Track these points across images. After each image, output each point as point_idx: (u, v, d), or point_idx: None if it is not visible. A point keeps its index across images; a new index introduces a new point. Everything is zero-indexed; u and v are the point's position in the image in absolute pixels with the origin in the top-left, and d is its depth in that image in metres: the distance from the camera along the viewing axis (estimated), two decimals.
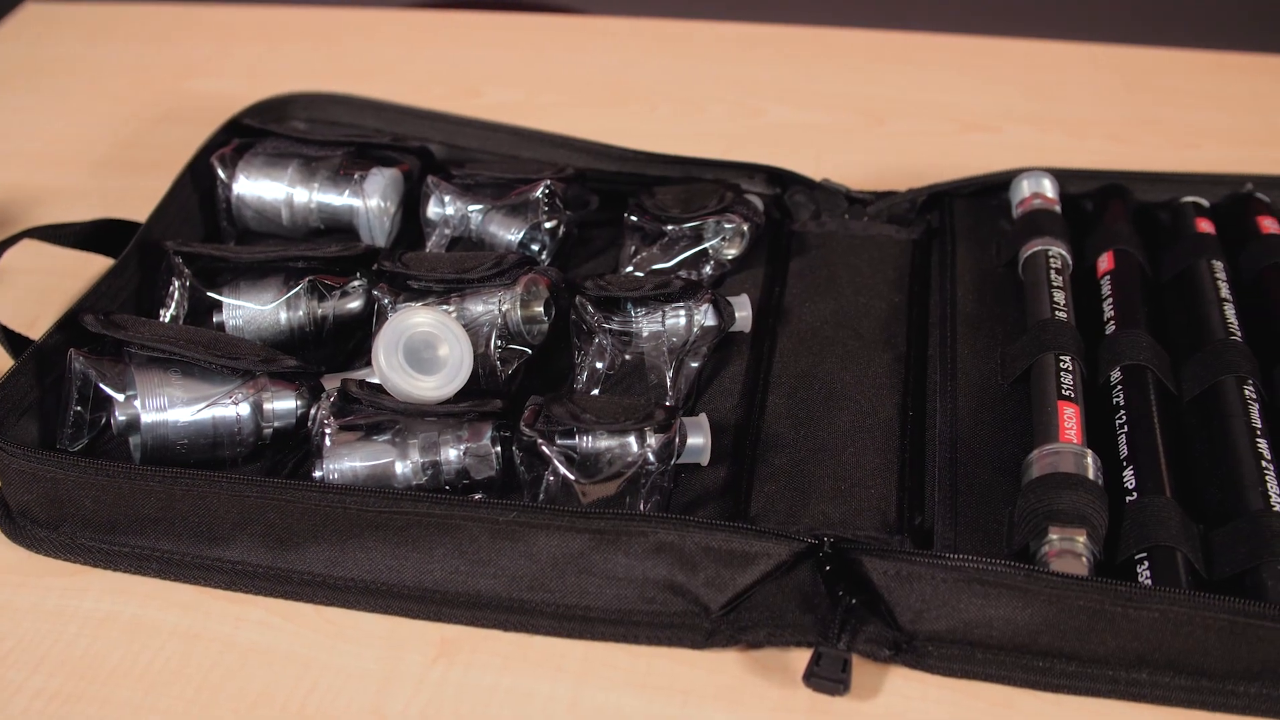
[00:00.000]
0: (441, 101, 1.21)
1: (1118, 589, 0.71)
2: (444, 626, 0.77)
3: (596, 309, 0.91)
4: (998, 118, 1.31)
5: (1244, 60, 1.41)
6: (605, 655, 0.75)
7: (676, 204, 1.00)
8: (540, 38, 1.45)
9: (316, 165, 1.04)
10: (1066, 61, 1.41)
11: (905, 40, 1.45)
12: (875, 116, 1.30)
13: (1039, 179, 1.05)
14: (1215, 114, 1.31)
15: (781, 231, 1.05)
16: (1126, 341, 0.89)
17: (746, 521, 0.80)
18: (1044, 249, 0.97)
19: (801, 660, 0.72)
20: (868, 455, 0.84)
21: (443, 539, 0.77)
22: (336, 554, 0.78)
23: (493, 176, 1.03)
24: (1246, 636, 0.70)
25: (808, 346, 0.93)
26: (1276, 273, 0.96)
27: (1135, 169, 1.10)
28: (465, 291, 0.91)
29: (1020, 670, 0.72)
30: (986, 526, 0.79)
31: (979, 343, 0.92)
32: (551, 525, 0.75)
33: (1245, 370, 0.87)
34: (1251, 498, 0.78)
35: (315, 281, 0.93)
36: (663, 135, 1.26)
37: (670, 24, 1.48)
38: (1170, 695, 0.71)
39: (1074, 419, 0.82)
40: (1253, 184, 1.07)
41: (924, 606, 0.72)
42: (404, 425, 0.82)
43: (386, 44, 1.44)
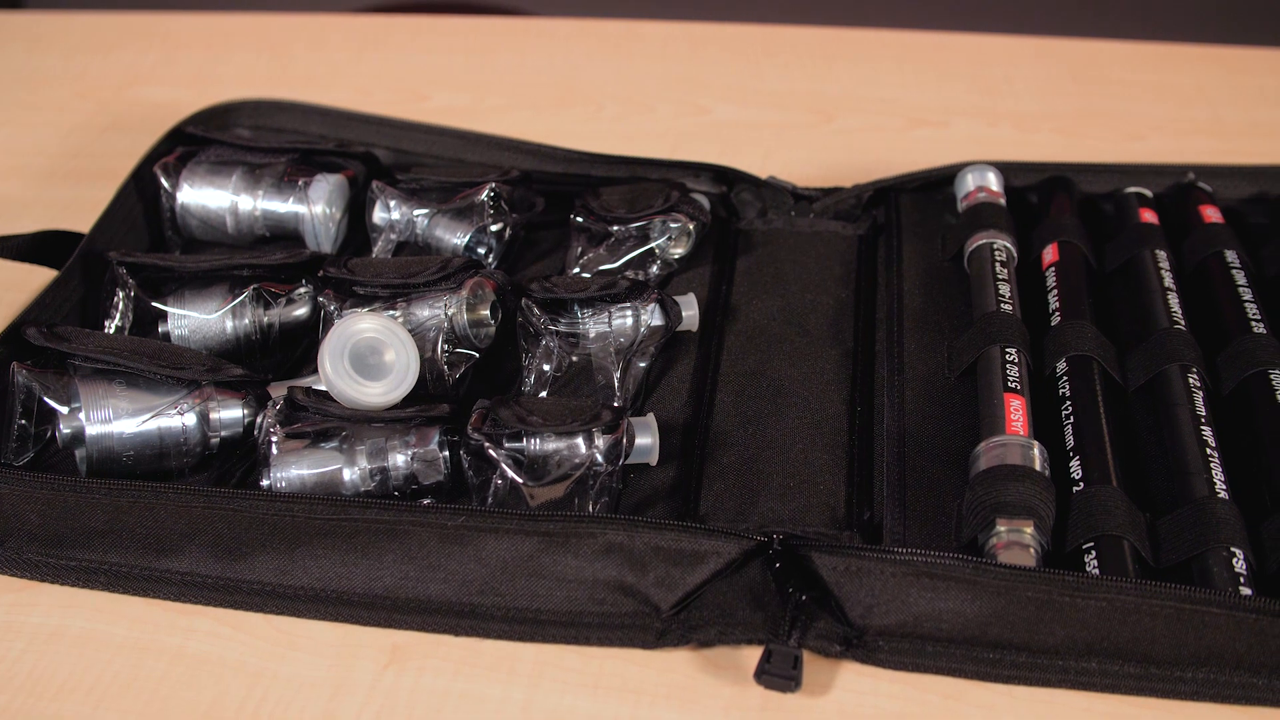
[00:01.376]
0: (388, 106, 1.20)
1: (1065, 579, 0.71)
2: (395, 633, 0.76)
3: (543, 311, 0.91)
4: (945, 112, 1.31)
5: (1188, 51, 1.41)
6: (557, 657, 0.75)
7: (622, 204, 1.00)
8: (486, 41, 1.45)
9: (261, 172, 1.04)
10: (1013, 55, 1.42)
11: (853, 37, 1.45)
12: (823, 113, 1.30)
13: (983, 172, 1.05)
14: (1160, 105, 1.32)
15: (728, 230, 1.05)
16: (1071, 332, 0.89)
17: (696, 520, 0.80)
18: (989, 242, 0.97)
19: (753, 658, 0.72)
20: (816, 451, 0.84)
21: (392, 545, 0.76)
22: (285, 562, 0.77)
23: (438, 180, 1.03)
24: (1193, 623, 0.70)
25: (755, 344, 0.93)
26: (1219, 261, 0.97)
27: (1081, 161, 1.10)
28: (411, 296, 0.90)
29: (970, 662, 0.72)
30: (935, 520, 0.80)
31: (926, 337, 0.93)
32: (500, 529, 0.75)
33: (1189, 359, 0.87)
34: (1197, 485, 0.79)
35: (260, 289, 0.93)
36: (610, 136, 1.26)
37: (617, 24, 1.47)
38: (1119, 683, 0.72)
39: (1020, 411, 0.82)
40: (1194, 173, 1.07)
41: (874, 601, 0.72)
42: (351, 432, 0.82)
43: (333, 50, 1.43)
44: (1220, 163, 1.10)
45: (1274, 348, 0.88)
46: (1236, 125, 1.28)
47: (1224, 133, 1.27)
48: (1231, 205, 1.07)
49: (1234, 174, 1.09)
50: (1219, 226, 1.00)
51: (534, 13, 1.62)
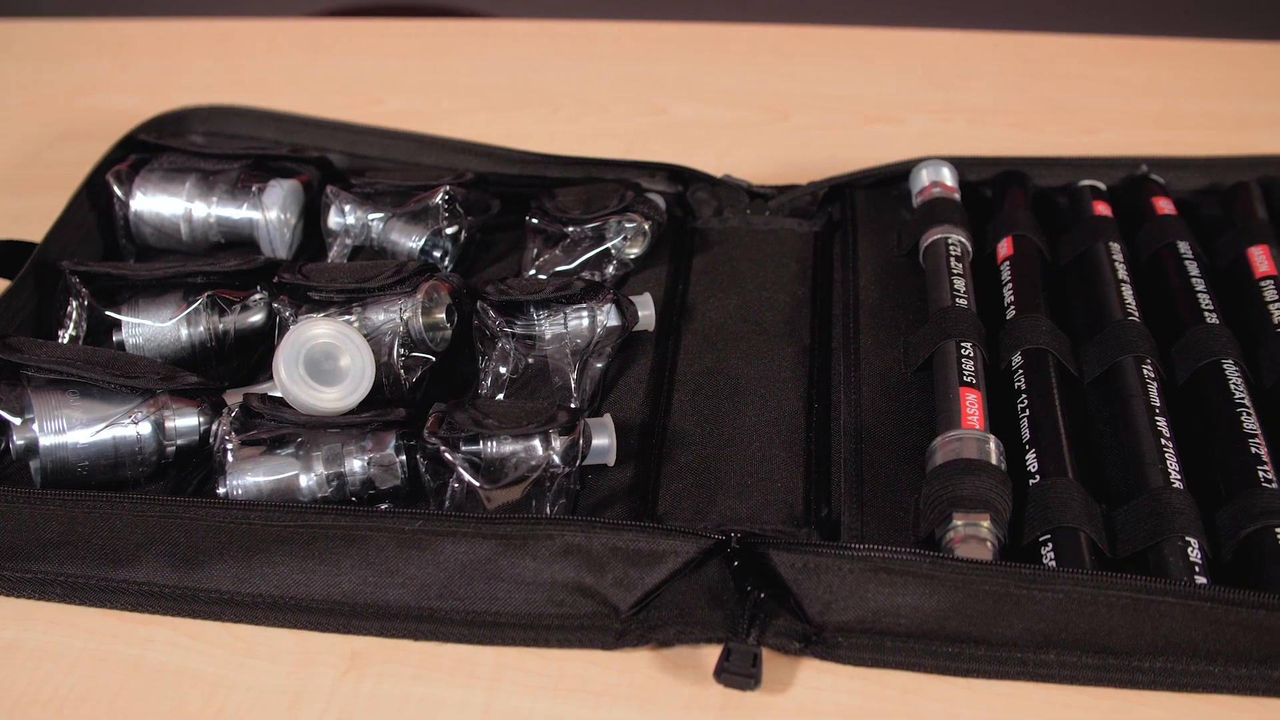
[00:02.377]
0: (343, 111, 1.20)
1: (1022, 572, 0.71)
2: (354, 638, 0.76)
3: (498, 313, 0.90)
4: (901, 108, 1.31)
5: (1141, 45, 1.42)
6: (517, 660, 0.75)
7: (577, 205, 1.00)
8: (442, 44, 1.45)
9: (214, 179, 1.03)
10: (968, 50, 1.42)
11: (808, 34, 1.45)
12: (778, 111, 1.30)
13: (938, 168, 1.05)
14: (1114, 99, 1.33)
15: (684, 229, 1.06)
16: (1026, 326, 0.90)
17: (654, 520, 0.80)
18: (944, 237, 0.97)
19: (713, 657, 0.72)
20: (773, 449, 0.85)
21: (349, 551, 0.76)
22: (243, 570, 0.77)
23: (392, 184, 1.03)
24: (1149, 613, 0.71)
25: (712, 343, 0.93)
26: (1172, 252, 0.97)
27: (1035, 155, 1.11)
28: (366, 301, 0.90)
29: (929, 656, 0.73)
30: (893, 515, 0.80)
31: (882, 333, 0.93)
32: (458, 532, 0.75)
33: (1144, 350, 0.88)
34: (1152, 475, 0.79)
35: (215, 296, 0.92)
36: (566, 136, 1.26)
37: (573, 25, 1.47)
38: (1078, 674, 0.72)
39: (976, 405, 0.83)
40: (1147, 166, 1.08)
41: (832, 598, 0.73)
42: (307, 438, 0.81)
43: (287, 55, 1.43)
44: (1173, 155, 1.11)
45: (1227, 338, 0.89)
46: (1189, 118, 1.29)
47: (1177, 125, 1.28)
48: (1184, 197, 1.08)
49: (1186, 166, 1.10)
50: (1172, 218, 1.01)
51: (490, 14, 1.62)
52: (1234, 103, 1.32)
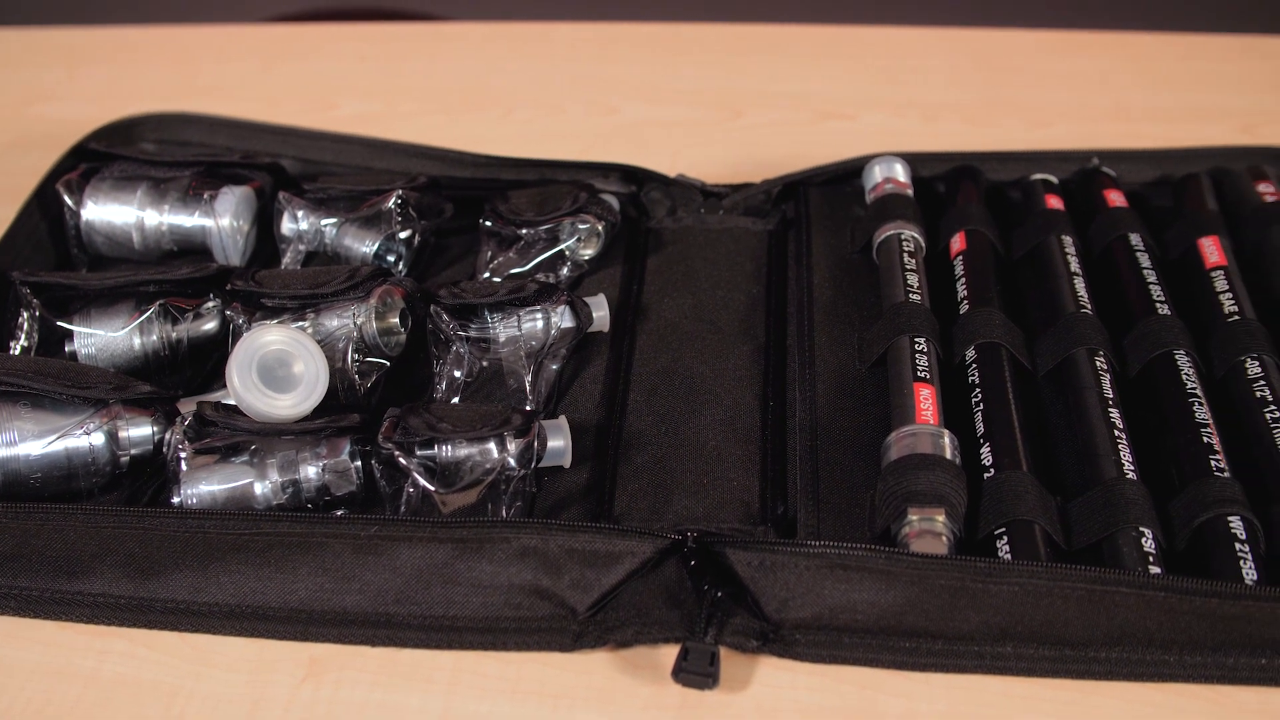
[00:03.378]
0: (297, 116, 1.20)
1: (977, 565, 0.72)
2: (311, 646, 0.76)
3: (452, 317, 0.90)
4: (854, 105, 1.32)
5: (1092, 38, 1.43)
6: (475, 664, 0.75)
7: (531, 207, 1.00)
8: (395, 47, 1.44)
9: (166, 187, 1.03)
10: (920, 46, 1.42)
11: (760, 33, 1.45)
12: (732, 109, 1.31)
13: (890, 164, 1.06)
14: (1065, 92, 1.33)
15: (638, 229, 1.05)
16: (979, 320, 0.90)
17: (611, 521, 0.80)
18: (897, 233, 0.98)
19: (671, 657, 0.72)
20: (729, 448, 0.85)
21: (306, 558, 0.76)
22: (199, 579, 0.77)
23: (345, 189, 1.02)
24: (1104, 604, 0.71)
25: (667, 343, 0.93)
26: (1123, 244, 0.98)
27: (987, 149, 1.11)
28: (320, 307, 0.90)
29: (887, 652, 0.73)
30: (849, 511, 0.80)
31: (836, 330, 0.93)
32: (414, 537, 0.75)
33: (1096, 342, 0.88)
34: (1106, 467, 0.80)
35: (167, 305, 0.92)
36: (521, 138, 1.26)
37: (526, 26, 1.47)
38: (1035, 666, 0.72)
39: (930, 400, 0.83)
40: (1098, 159, 1.09)
41: (789, 595, 0.73)
42: (261, 445, 0.81)
43: (239, 61, 1.42)
44: (1125, 148, 1.11)
45: (1178, 329, 0.89)
46: (1140, 110, 1.30)
47: (1128, 118, 1.28)
48: (1136, 189, 1.09)
49: (1138, 158, 1.10)
50: (1123, 210, 1.01)
51: (444, 17, 1.62)
52: (1184, 95, 1.32)
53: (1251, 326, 0.89)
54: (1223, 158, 1.10)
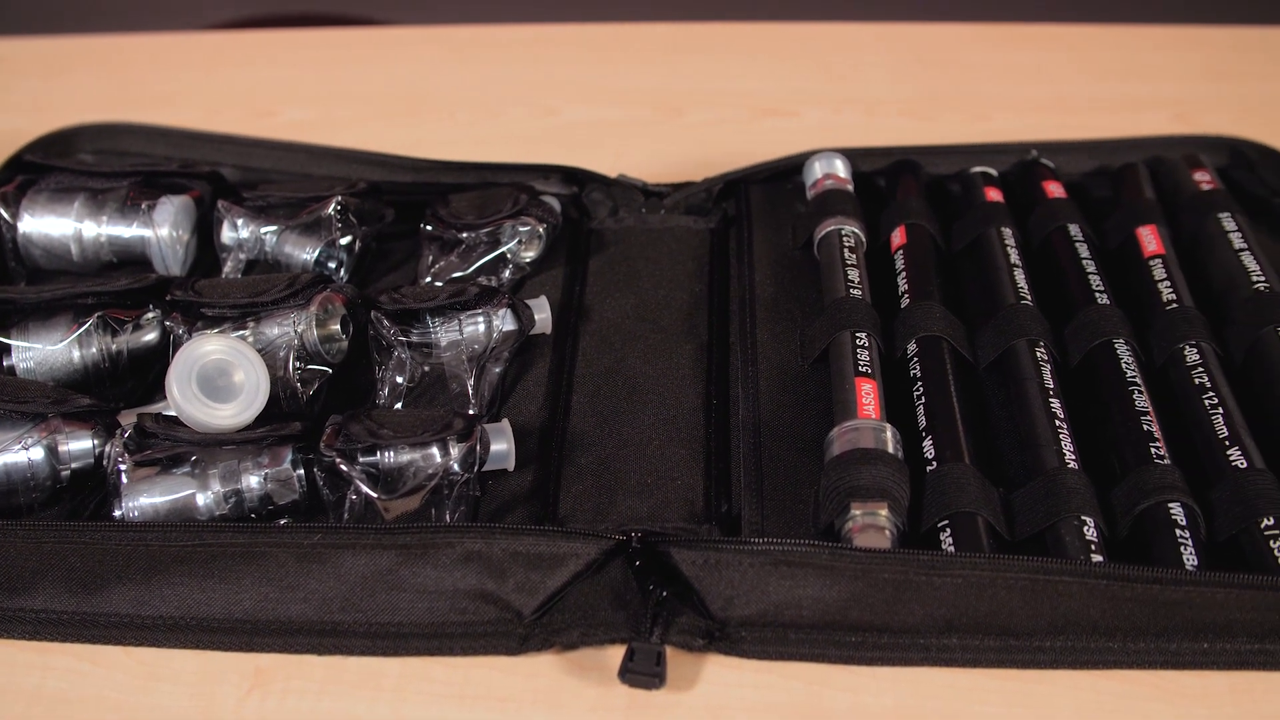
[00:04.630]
0: (235, 124, 1.19)
1: (920, 559, 0.72)
2: (257, 656, 0.75)
3: (393, 322, 0.90)
4: (794, 101, 1.32)
5: (1030, 31, 1.44)
6: (422, 670, 0.74)
7: (471, 211, 0.99)
8: (335, 53, 1.43)
9: (104, 198, 1.02)
10: (859, 41, 1.43)
11: (700, 31, 1.46)
12: (672, 108, 1.31)
13: (830, 160, 1.06)
14: (1004, 85, 1.34)
15: (580, 230, 1.05)
16: (920, 313, 0.91)
17: (556, 523, 0.80)
18: (837, 228, 0.98)
19: (618, 657, 0.72)
20: (673, 447, 0.85)
21: (249, 568, 0.75)
22: (143, 592, 0.76)
23: (284, 197, 1.02)
24: (1047, 593, 0.72)
25: (610, 343, 0.93)
26: (1062, 235, 0.99)
27: (927, 143, 1.12)
28: (260, 315, 0.89)
29: (833, 647, 0.73)
30: (793, 508, 0.80)
31: (778, 326, 0.93)
32: (357, 544, 0.75)
33: (1036, 333, 0.89)
34: (1047, 457, 0.80)
35: (106, 316, 0.91)
36: (462, 142, 1.25)
37: (466, 29, 1.47)
38: (980, 657, 0.73)
39: (872, 394, 0.83)
40: (1037, 150, 1.09)
41: (734, 593, 0.73)
42: (202, 456, 0.80)
43: (177, 69, 1.41)
44: (1063, 139, 1.12)
45: (1118, 318, 0.90)
46: (1078, 101, 1.31)
47: (1067, 109, 1.29)
48: (1074, 180, 1.10)
49: (1076, 149, 1.11)
50: (1062, 201, 1.02)
51: (382, 21, 1.61)
52: (1120, 85, 1.34)
53: (1189, 314, 0.90)
54: (1159, 147, 1.11)
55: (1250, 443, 0.80)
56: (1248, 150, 1.11)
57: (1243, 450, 0.80)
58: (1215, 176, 1.04)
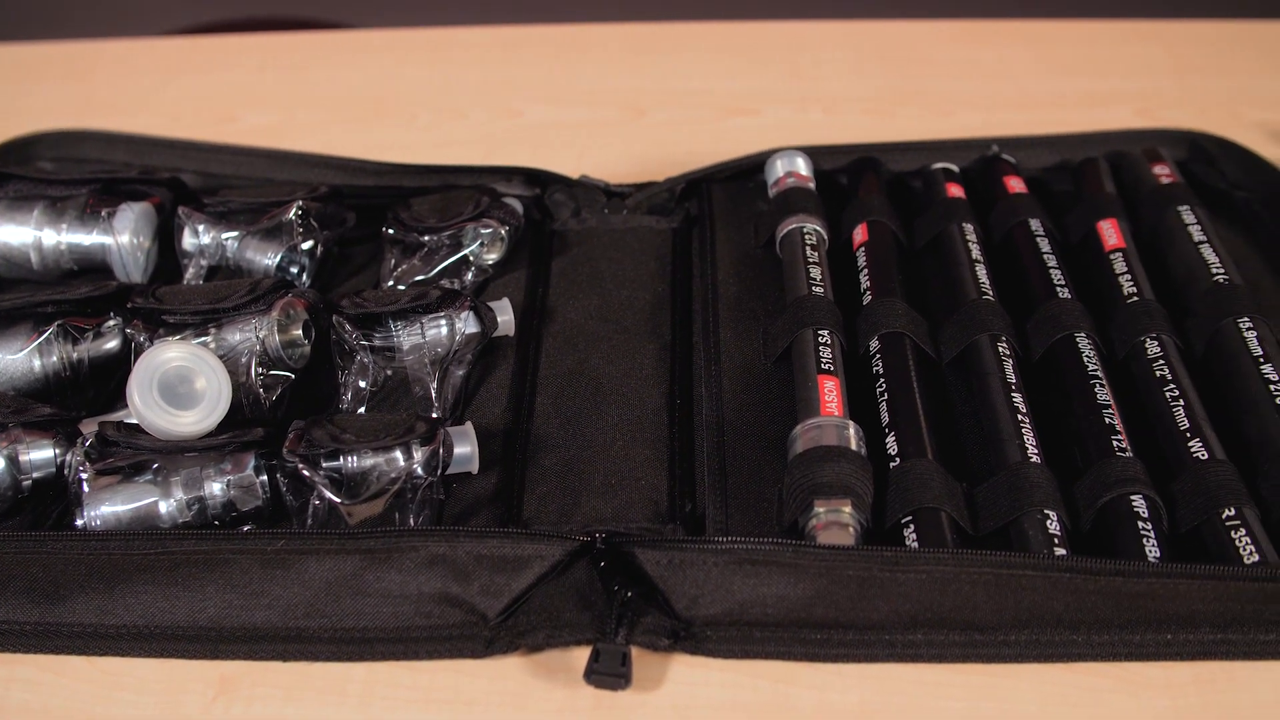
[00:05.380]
0: (197, 130, 1.19)
1: (883, 555, 0.72)
2: (222, 664, 0.75)
3: (355, 327, 0.90)
4: (757, 100, 1.32)
5: (991, 27, 1.44)
6: (388, 675, 0.74)
7: (433, 214, 0.99)
8: (295, 57, 1.43)
9: (63, 205, 1.01)
10: (820, 40, 1.43)
11: (662, 31, 1.46)
12: (635, 109, 1.31)
13: (792, 158, 1.06)
14: (966, 81, 1.35)
15: (542, 232, 1.05)
16: (882, 310, 0.91)
17: (520, 525, 0.80)
18: (799, 226, 0.98)
19: (584, 659, 0.72)
20: (637, 447, 0.85)
21: (213, 575, 0.75)
22: (106, 602, 0.75)
23: (245, 202, 1.01)
24: (1011, 587, 0.72)
25: (573, 344, 0.93)
26: (1024, 230, 0.99)
27: (889, 140, 1.12)
28: (222, 321, 0.89)
29: (798, 644, 0.73)
30: (757, 506, 0.80)
31: (741, 325, 0.93)
32: (321, 550, 0.74)
33: (998, 328, 0.89)
34: (1010, 451, 0.81)
35: (66, 325, 0.90)
36: (424, 145, 1.25)
37: (427, 32, 1.46)
38: (945, 652, 0.73)
39: (834, 392, 0.83)
40: (998, 146, 1.10)
41: (698, 592, 0.73)
42: (164, 463, 0.80)
43: (138, 75, 1.40)
44: (1025, 134, 1.13)
45: (1079, 311, 0.90)
46: (1040, 97, 1.31)
47: (1028, 104, 1.30)
48: (1035, 175, 1.10)
49: (1036, 144, 1.12)
50: (1023, 196, 1.03)
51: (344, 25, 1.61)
52: (1082, 81, 1.34)
53: (1150, 307, 0.91)
54: (1120, 141, 1.11)
55: (1211, 434, 0.81)
56: (1207, 144, 1.11)
57: (1203, 441, 0.80)
58: (1175, 170, 1.05)
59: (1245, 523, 0.75)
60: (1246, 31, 1.43)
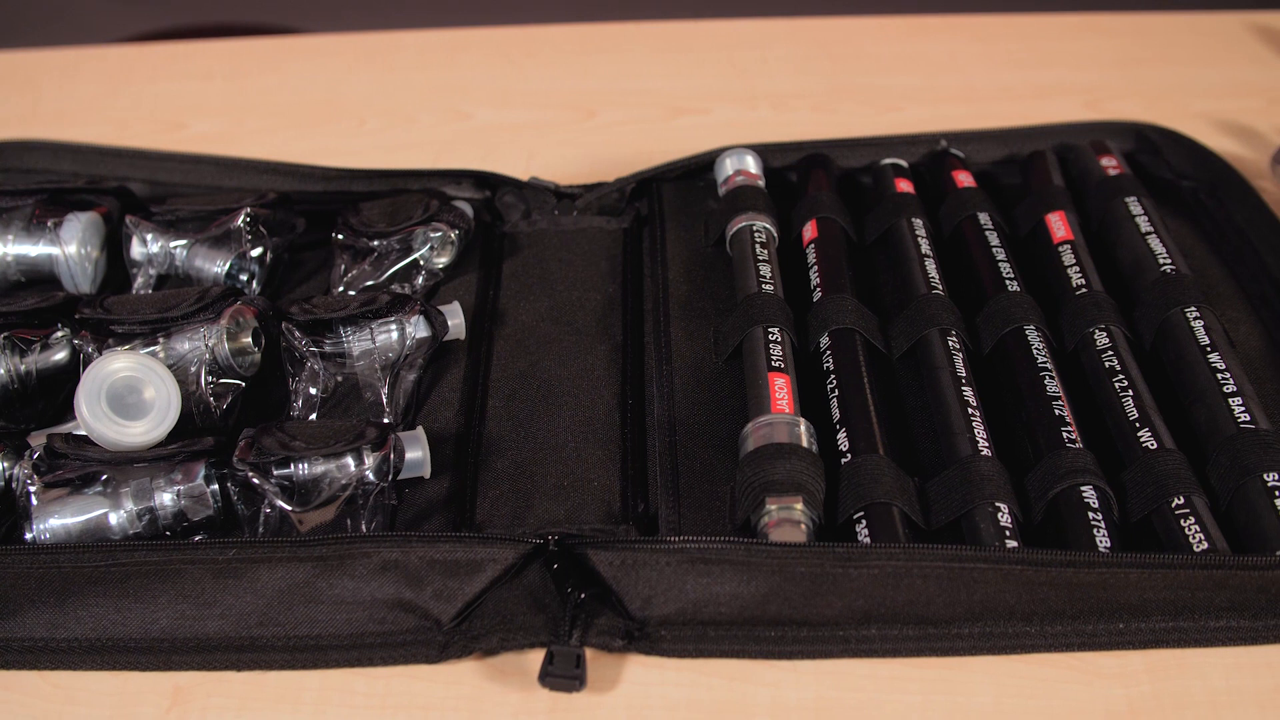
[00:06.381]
0: (146, 138, 1.18)
1: (835, 551, 0.72)
2: (176, 675, 0.75)
3: (305, 333, 0.89)
4: (706, 99, 1.32)
5: (938, 22, 1.45)
6: (342, 682, 0.74)
7: (382, 218, 0.99)
8: (244, 64, 1.42)
9: (9, 216, 1.00)
10: (770, 38, 1.43)
11: (611, 31, 1.46)
12: (585, 110, 1.30)
13: (741, 156, 1.06)
14: (914, 77, 1.35)
15: (493, 234, 1.05)
16: (832, 307, 0.91)
17: (473, 529, 0.80)
18: (748, 224, 0.98)
19: (539, 662, 0.72)
20: (589, 449, 0.85)
21: (165, 586, 0.74)
22: (56, 615, 0.75)
23: (193, 210, 1.01)
24: (963, 580, 0.72)
25: (524, 347, 0.93)
26: (973, 224, 0.99)
27: (839, 137, 1.12)
28: (170, 330, 0.89)
29: (753, 642, 0.73)
30: (710, 505, 0.81)
31: (692, 324, 0.94)
32: (273, 558, 0.74)
33: (948, 322, 0.89)
34: (961, 445, 0.81)
35: (12, 337, 0.89)
36: (374, 149, 1.24)
37: (375, 36, 1.46)
38: (900, 646, 0.73)
39: (785, 389, 0.83)
40: (947, 140, 1.10)
41: (652, 592, 0.73)
42: (114, 474, 0.79)
43: (85, 84, 1.39)
44: (973, 128, 1.13)
45: (1028, 304, 0.91)
46: (988, 91, 1.32)
47: (976, 99, 1.30)
48: (985, 168, 1.11)
49: (985, 138, 1.12)
50: (971, 190, 1.03)
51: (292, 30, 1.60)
52: (1030, 74, 1.35)
53: (1099, 298, 0.91)
54: (1067, 134, 1.12)
55: (1160, 424, 0.81)
56: (1153, 135, 1.12)
57: (1153, 431, 0.80)
58: (1122, 161, 1.06)
59: (1194, 511, 0.76)
60: (1192, 23, 1.44)
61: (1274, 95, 1.28)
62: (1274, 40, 1.39)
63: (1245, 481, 0.77)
